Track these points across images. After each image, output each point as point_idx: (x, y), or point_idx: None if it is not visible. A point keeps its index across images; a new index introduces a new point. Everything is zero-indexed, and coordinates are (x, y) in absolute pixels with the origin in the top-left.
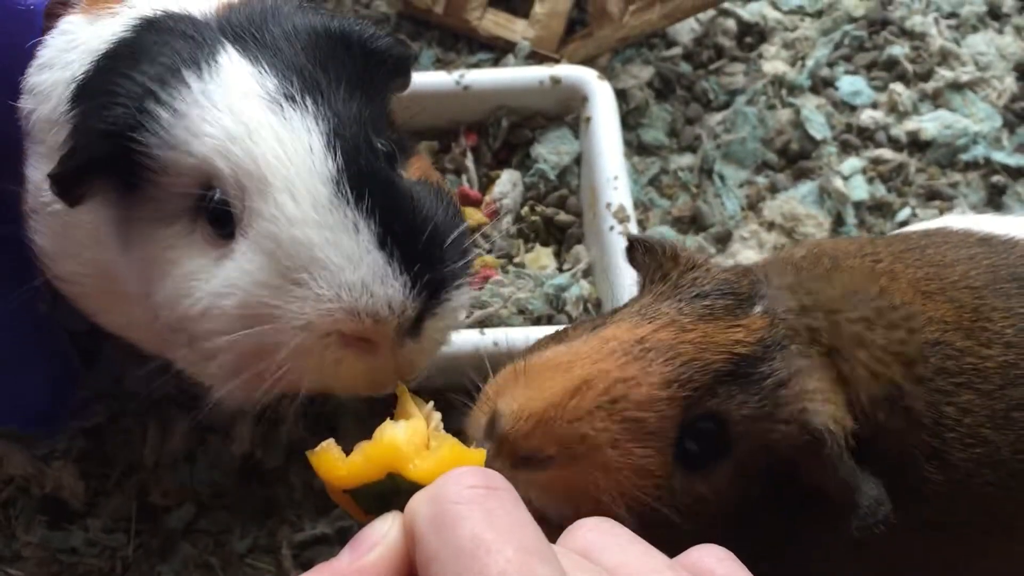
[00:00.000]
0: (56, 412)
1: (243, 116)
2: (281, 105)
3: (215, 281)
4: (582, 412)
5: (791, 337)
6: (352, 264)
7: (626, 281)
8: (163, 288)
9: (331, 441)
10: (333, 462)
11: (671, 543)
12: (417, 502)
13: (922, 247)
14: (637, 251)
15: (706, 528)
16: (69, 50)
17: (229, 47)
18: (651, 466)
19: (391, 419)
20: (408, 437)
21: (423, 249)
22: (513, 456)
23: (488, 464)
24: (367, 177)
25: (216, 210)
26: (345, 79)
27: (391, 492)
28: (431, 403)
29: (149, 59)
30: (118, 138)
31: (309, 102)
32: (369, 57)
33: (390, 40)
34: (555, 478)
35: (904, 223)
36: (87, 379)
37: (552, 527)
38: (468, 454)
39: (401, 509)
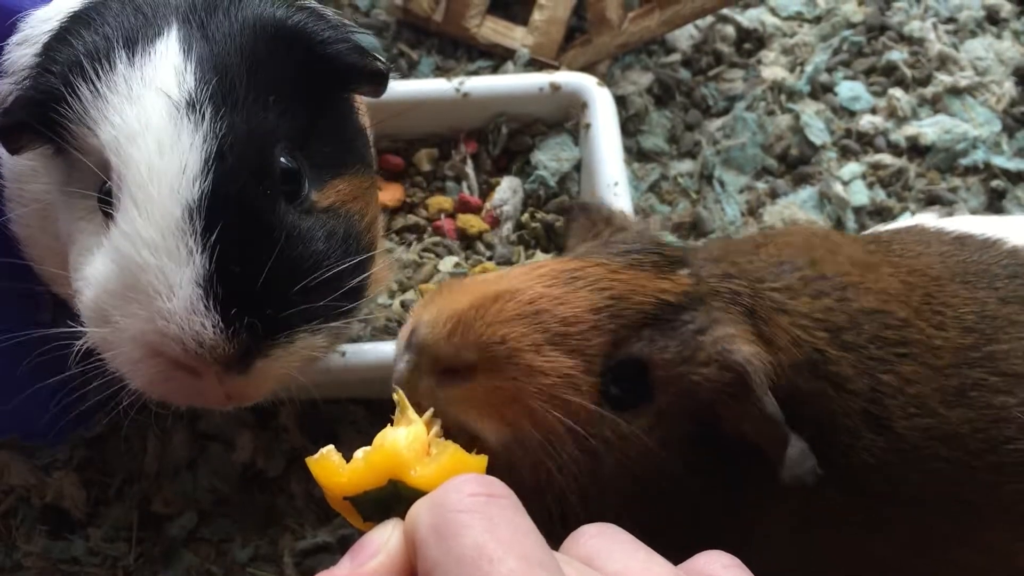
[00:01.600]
0: (57, 422)
1: (143, 116)
2: (180, 111)
3: (92, 266)
4: (504, 317)
5: (713, 296)
6: (170, 295)
7: None
8: (71, 258)
9: (331, 448)
10: (333, 468)
11: (676, 549)
12: (418, 510)
13: (888, 240)
14: (573, 215)
15: (639, 492)
16: (45, 21)
17: (174, 31)
18: (577, 381)
19: (391, 425)
20: (409, 443)
21: (260, 289)
22: (434, 367)
23: (412, 381)
24: (230, 206)
25: (105, 200)
26: (274, 84)
27: (392, 499)
28: (431, 409)
29: (94, 29)
30: (42, 106)
31: (209, 112)
32: (315, 62)
33: (344, 47)
34: (480, 389)
35: None
36: (89, 390)
37: (497, 459)
38: (470, 461)
39: (402, 516)
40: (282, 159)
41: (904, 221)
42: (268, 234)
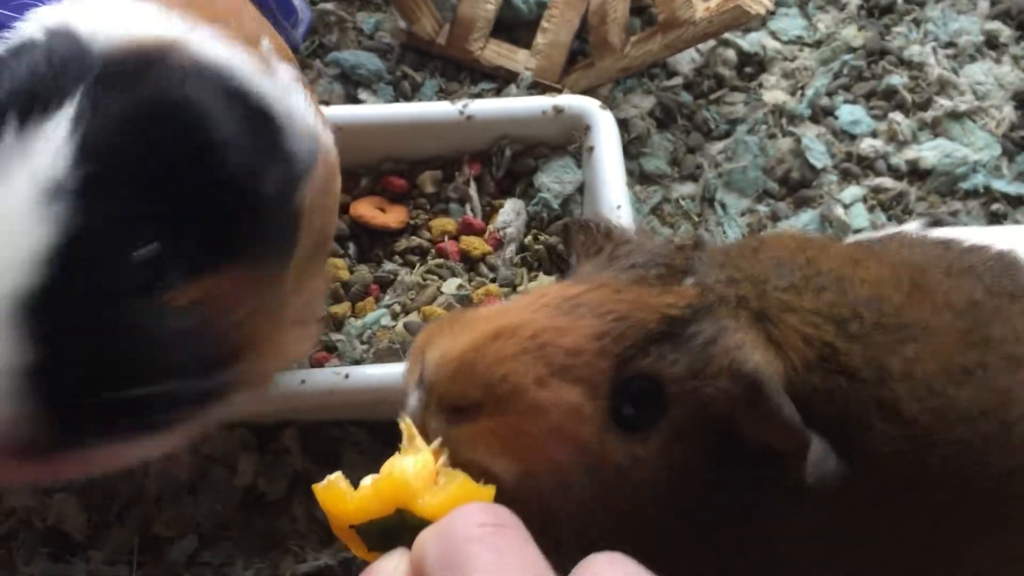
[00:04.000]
0: None
1: (10, 202)
2: (44, 201)
3: None
4: (505, 355)
5: (720, 303)
6: None
7: None
8: None
9: (339, 474)
10: (341, 495)
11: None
12: (425, 539)
13: (871, 243)
14: (573, 233)
15: (654, 506)
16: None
17: (74, 103)
18: (584, 410)
19: (399, 453)
20: (417, 472)
21: (79, 384)
22: (441, 406)
23: (422, 419)
24: (65, 300)
25: None
26: (161, 169)
27: (398, 529)
28: (440, 439)
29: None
30: None
31: (71, 200)
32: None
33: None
34: (489, 427)
35: None
36: None
37: (507, 493)
38: (478, 491)
39: (408, 546)
40: (141, 252)
41: (888, 230)
42: (98, 332)
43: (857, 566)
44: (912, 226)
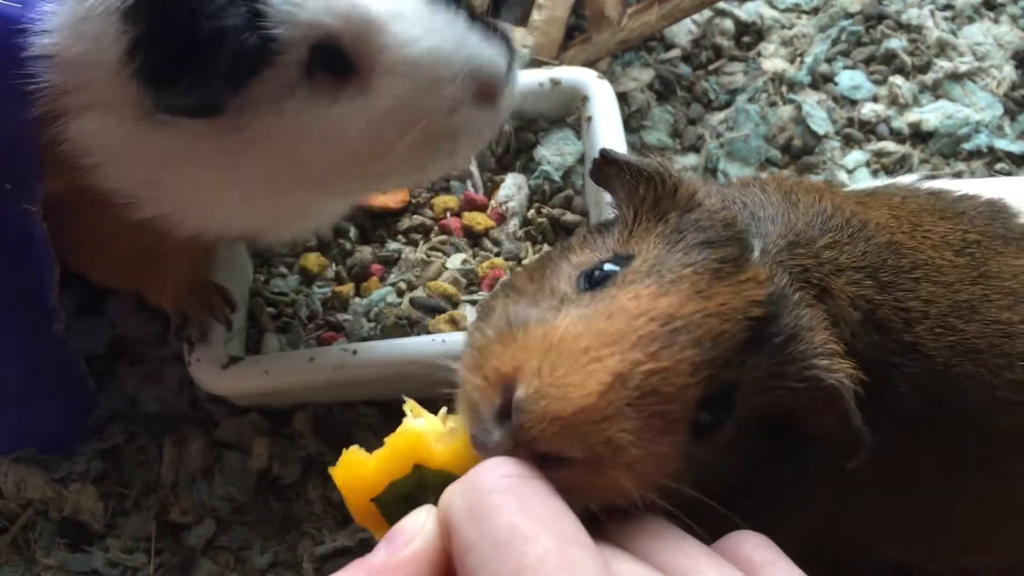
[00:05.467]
0: (72, 434)
1: None
2: None
3: (365, 112)
4: (612, 412)
5: (791, 284)
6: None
7: None
8: (304, 147)
9: (354, 447)
10: (359, 463)
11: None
12: (451, 493)
13: (863, 189)
14: (620, 172)
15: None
16: None
17: None
18: (671, 454)
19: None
20: (428, 427)
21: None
22: (531, 450)
23: (496, 454)
24: None
25: (336, 62)
26: None
27: (419, 490)
28: (444, 408)
29: None
30: (249, 33)
31: None
32: None
33: None
34: (574, 477)
35: None
36: (102, 400)
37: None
38: None
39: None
40: None
41: (878, 182)
42: None
43: (872, 496)
44: (903, 178)
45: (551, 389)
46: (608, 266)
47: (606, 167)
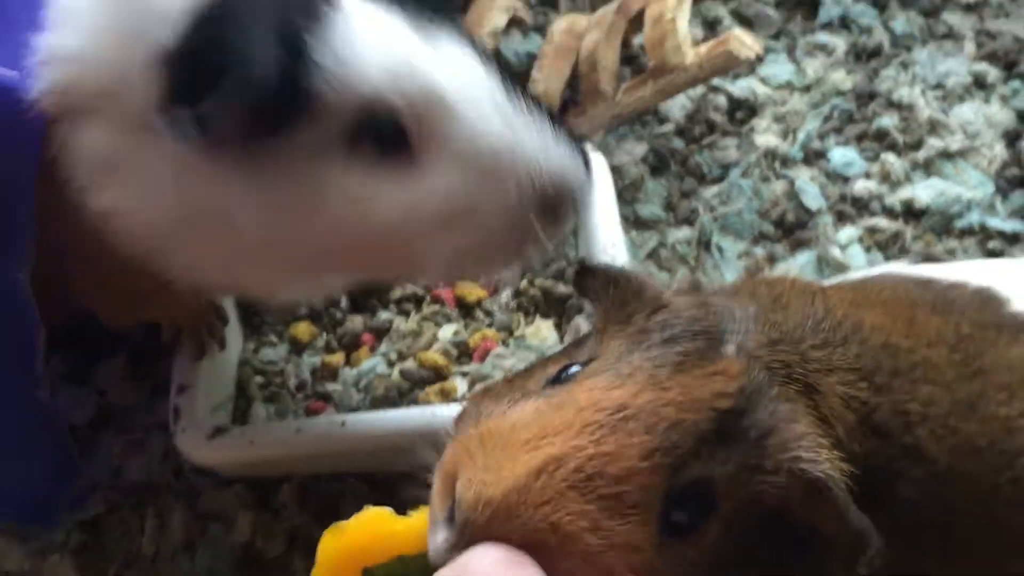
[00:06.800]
0: (53, 503)
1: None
2: (425, 34)
3: (411, 193)
4: (550, 495)
5: (768, 377)
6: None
7: None
8: (322, 216)
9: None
10: (388, 519)
11: None
12: None
13: (855, 285)
14: (593, 280)
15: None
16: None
17: None
18: (636, 541)
19: None
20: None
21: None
22: (471, 541)
23: (446, 560)
24: (508, 78)
25: (387, 135)
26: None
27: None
28: None
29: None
30: (281, 78)
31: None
32: None
33: None
34: (549, 568)
35: None
36: (85, 468)
37: None
38: None
39: None
40: None
41: (866, 271)
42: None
43: None
44: (891, 266)
45: (484, 475)
46: (574, 368)
47: (581, 278)
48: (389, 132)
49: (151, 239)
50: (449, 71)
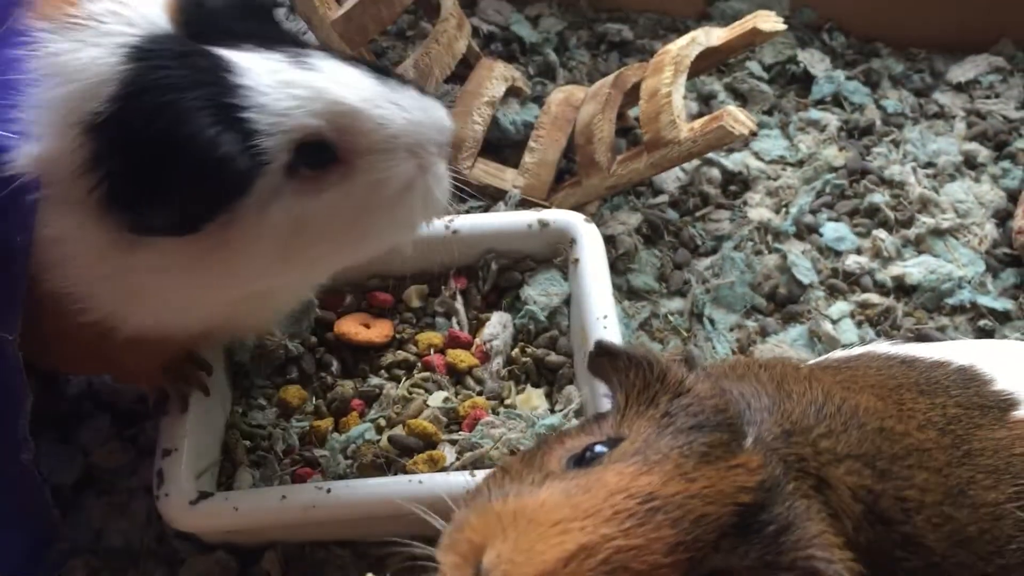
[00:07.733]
0: (32, 568)
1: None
2: (302, 62)
3: (354, 192)
4: None
5: (786, 473)
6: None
7: None
8: (292, 243)
9: None
10: None
11: None
12: None
13: (840, 366)
14: (615, 361)
15: None
16: (55, 74)
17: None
18: None
19: None
20: None
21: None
22: None
23: None
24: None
25: (316, 155)
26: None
27: None
28: None
29: (190, 82)
30: (242, 157)
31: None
32: None
33: None
34: None
35: None
36: (66, 532)
37: None
38: None
39: None
40: None
41: (852, 351)
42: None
43: None
44: (876, 345)
45: (515, 555)
46: (599, 447)
47: (599, 358)
48: (317, 152)
49: (102, 310)
50: (338, 81)
